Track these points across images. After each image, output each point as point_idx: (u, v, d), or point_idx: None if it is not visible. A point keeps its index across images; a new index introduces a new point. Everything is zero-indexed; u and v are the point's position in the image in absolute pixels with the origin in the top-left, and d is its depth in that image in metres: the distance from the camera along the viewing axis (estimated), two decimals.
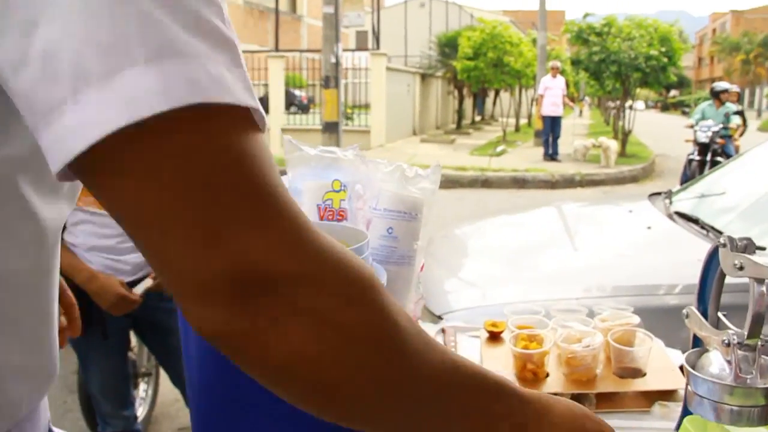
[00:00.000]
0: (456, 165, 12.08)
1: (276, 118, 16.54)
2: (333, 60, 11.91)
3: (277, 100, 16.57)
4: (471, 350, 1.48)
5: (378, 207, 1.05)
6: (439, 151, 15.72)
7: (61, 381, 3.56)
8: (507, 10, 50.40)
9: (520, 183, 11.15)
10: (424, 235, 1.14)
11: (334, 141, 12.79)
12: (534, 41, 18.93)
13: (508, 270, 3.23)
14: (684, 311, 1.22)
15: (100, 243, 2.35)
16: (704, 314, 1.17)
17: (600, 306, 1.49)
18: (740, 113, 10.33)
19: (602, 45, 13.94)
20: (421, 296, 1.22)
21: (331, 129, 12.74)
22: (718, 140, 9.66)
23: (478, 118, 27.80)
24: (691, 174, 9.73)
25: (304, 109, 21.78)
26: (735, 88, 10.72)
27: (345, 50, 19.47)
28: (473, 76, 17.94)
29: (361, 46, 27.10)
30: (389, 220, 1.04)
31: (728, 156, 9.47)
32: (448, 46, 21.32)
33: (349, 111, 17.89)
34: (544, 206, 5.43)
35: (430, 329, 1.60)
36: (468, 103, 25.59)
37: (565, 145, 13.92)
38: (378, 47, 17.86)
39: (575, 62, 15.06)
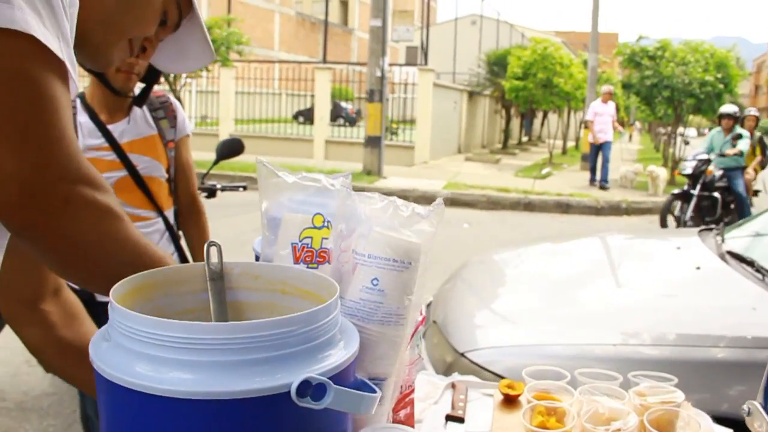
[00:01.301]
0: (499, 186, 11.80)
1: (321, 129, 16.48)
2: (378, 73, 11.77)
3: (322, 111, 16.50)
4: (482, 411, 1.27)
5: (361, 252, 0.85)
6: (483, 171, 15.45)
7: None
8: (559, 31, 49.82)
9: (563, 207, 10.82)
10: (428, 288, 0.94)
11: (376, 155, 12.63)
12: (585, 63, 18.55)
13: (545, 304, 3.02)
14: (745, 407, 1.00)
15: None
16: None
17: (637, 374, 1.26)
18: (761, 141, 9.18)
19: (655, 69, 13.52)
20: (418, 356, 1.02)
21: (373, 143, 12.59)
22: (722, 171, 8.59)
23: (525, 139, 27.40)
24: (662, 212, 8.72)
25: (351, 122, 21.71)
26: (752, 111, 9.59)
27: (394, 65, 19.38)
28: (521, 96, 17.63)
29: (411, 62, 26.98)
30: (375, 269, 0.84)
31: (734, 192, 8.55)
32: (497, 64, 21.03)
33: (394, 126, 17.72)
34: (589, 236, 5.17)
35: (438, 383, 1.39)
36: (515, 122, 25.23)
37: (611, 170, 13.51)
38: (426, 63, 17.70)
39: (626, 86, 14.65)
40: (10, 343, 2.92)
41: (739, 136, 8.65)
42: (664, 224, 8.62)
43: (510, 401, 1.26)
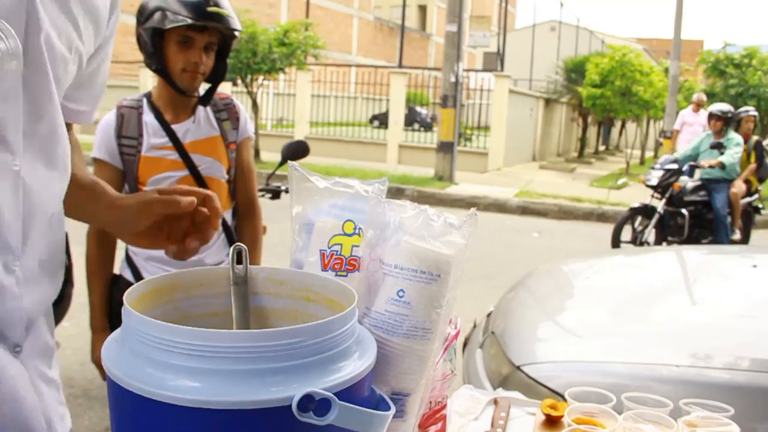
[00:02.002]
0: (572, 195, 11.54)
1: (394, 133, 16.52)
2: (452, 79, 11.71)
3: (397, 116, 16.54)
4: (523, 431, 1.22)
5: (388, 262, 0.82)
6: (557, 179, 15.16)
7: None
8: (641, 38, 48.46)
9: None
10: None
11: (448, 161, 12.57)
12: (666, 71, 17.99)
13: (612, 320, 2.89)
14: None
15: (160, 254, 2.25)
16: None
17: (689, 401, 1.18)
18: (757, 146, 7.54)
19: (741, 77, 13.01)
20: (451, 372, 0.97)
21: (445, 149, 12.53)
22: (693, 179, 7.24)
23: (602, 148, 26.78)
24: (616, 227, 7.21)
25: (426, 126, 21.69)
26: (750, 111, 7.99)
27: (470, 70, 19.25)
28: (599, 104, 17.23)
29: (488, 68, 26.78)
30: (401, 280, 0.81)
31: (712, 209, 7.15)
32: (575, 71, 20.64)
33: (468, 132, 17.60)
34: (664, 250, 4.98)
35: (481, 398, 1.34)
36: (592, 131, 24.70)
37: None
38: (502, 69, 17.51)
39: (709, 95, 14.14)
40: (82, 333, 3.02)
41: (720, 145, 7.19)
42: (616, 242, 7.31)
43: (551, 422, 1.20)
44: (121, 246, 2.07)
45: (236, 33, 2.17)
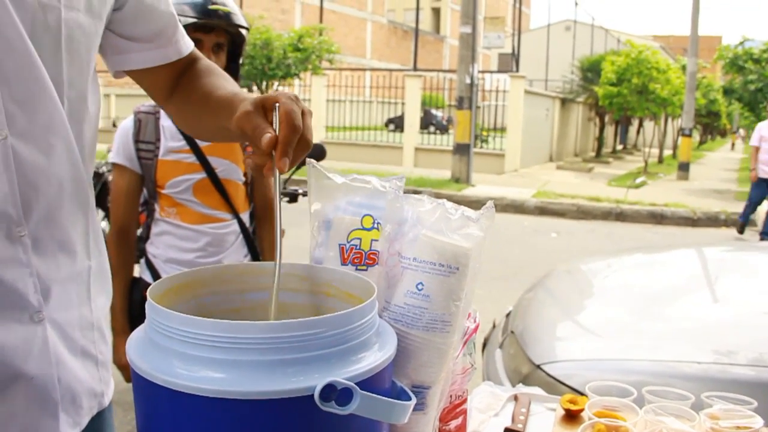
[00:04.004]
0: (590, 195, 11.49)
1: (410, 136, 16.53)
2: (468, 81, 11.70)
3: (412, 118, 16.55)
4: (543, 426, 1.22)
5: (407, 255, 0.83)
6: (574, 179, 15.10)
7: None
8: (658, 35, 48.10)
9: (657, 218, 10.41)
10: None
11: (464, 163, 12.55)
12: (684, 68, 17.85)
13: (632, 318, 2.84)
14: None
15: (179, 256, 2.27)
16: None
17: (711, 394, 1.17)
18: None
19: (760, 73, 12.88)
20: (470, 366, 0.98)
21: (462, 151, 12.51)
22: None
23: (620, 147, 26.63)
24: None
25: (442, 129, 21.66)
26: None
27: (486, 72, 19.20)
28: (615, 103, 17.13)
29: (503, 69, 26.72)
30: (420, 273, 0.81)
31: None
32: (591, 70, 20.54)
33: (484, 134, 17.57)
34: (684, 248, 4.92)
35: (501, 395, 1.34)
36: (610, 130, 24.58)
37: (711, 180, 12.92)
38: (517, 69, 17.48)
39: (727, 91, 14.04)
40: None
41: None
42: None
43: (571, 417, 1.20)
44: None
45: (242, 30, 2.19)
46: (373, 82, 19.49)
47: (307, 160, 0.95)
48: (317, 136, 17.08)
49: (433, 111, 22.98)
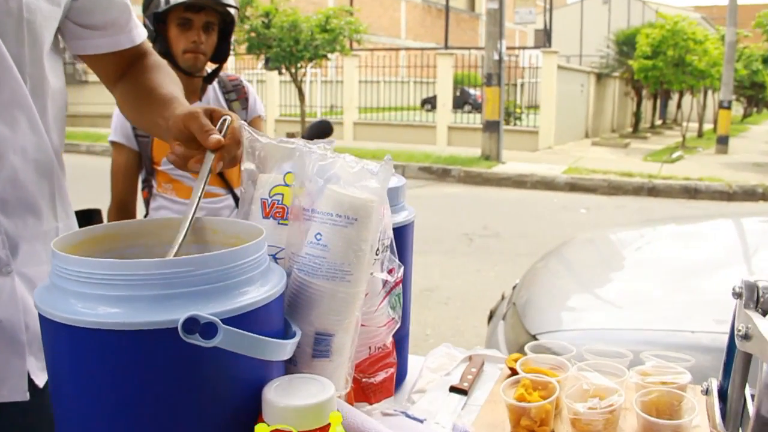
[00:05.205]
0: (622, 170, 11.32)
1: (443, 115, 16.47)
2: (496, 57, 11.60)
3: (444, 98, 16.48)
4: (490, 387, 1.25)
5: (308, 208, 0.86)
6: (609, 155, 14.89)
7: None
8: (699, 6, 46.77)
9: (691, 193, 10.22)
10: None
11: (494, 140, 12.48)
12: (723, 38, 17.39)
13: (662, 291, 2.71)
14: (704, 385, 0.92)
15: None
16: (723, 394, 0.87)
17: (649, 353, 1.19)
18: None
19: None
20: (391, 319, 1.01)
21: (491, 128, 12.44)
22: None
23: (659, 122, 26.11)
24: None
25: (478, 107, 21.47)
26: None
27: (518, 48, 18.93)
28: (651, 76, 16.77)
29: (538, 45, 26.38)
30: (318, 224, 0.85)
31: None
32: (627, 44, 20.12)
33: (518, 111, 17.41)
34: (720, 218, 4.74)
35: (457, 356, 1.37)
36: (648, 105, 24.10)
37: (752, 153, 12.62)
38: (549, 45, 17.24)
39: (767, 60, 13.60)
40: None
41: None
42: None
43: (515, 375, 1.23)
44: None
45: (231, 10, 2.24)
46: (409, 62, 19.41)
47: (240, 122, 1.00)
48: (350, 118, 17.13)
49: (470, 90, 22.78)
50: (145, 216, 2.43)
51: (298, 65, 13.43)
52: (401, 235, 1.15)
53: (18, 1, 0.98)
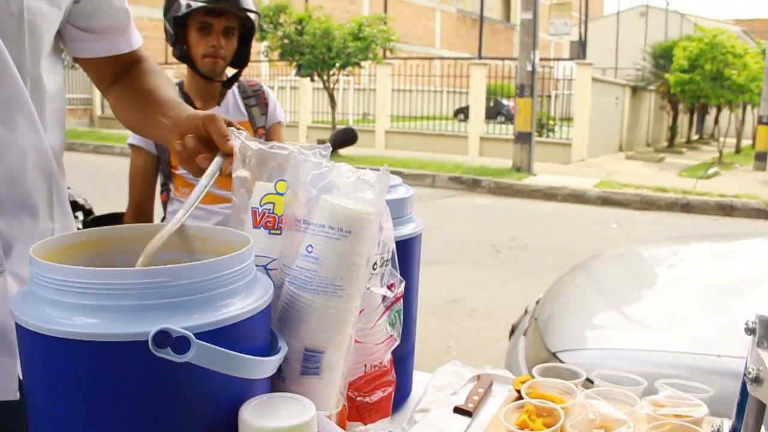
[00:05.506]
0: (655, 185, 11.12)
1: (475, 125, 16.38)
2: (528, 68, 11.51)
3: (477, 108, 16.38)
4: (495, 408, 1.20)
5: (301, 218, 0.83)
6: (642, 170, 14.67)
7: None
8: (740, 19, 45.96)
9: (726, 210, 9.99)
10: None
11: (526, 152, 12.37)
12: (764, 52, 17.05)
13: (692, 311, 2.61)
14: (715, 425, 0.86)
15: None
16: None
17: (664, 381, 1.12)
18: None
19: None
20: (390, 336, 0.97)
21: (523, 139, 12.33)
22: None
23: (695, 137, 25.69)
24: None
25: (511, 118, 21.32)
26: None
27: (554, 59, 18.76)
28: (688, 90, 16.48)
29: (573, 56, 26.16)
30: (310, 236, 0.82)
31: None
32: (664, 57, 19.84)
33: (551, 123, 17.24)
34: (758, 237, 4.62)
35: (465, 374, 1.32)
36: (684, 119, 23.72)
37: None
38: (584, 56, 17.06)
39: None
40: None
41: None
42: None
43: (521, 398, 1.17)
44: None
45: (251, 15, 2.22)
46: (443, 71, 19.34)
47: (231, 129, 0.98)
48: (382, 126, 17.11)
49: (503, 101, 22.64)
50: (163, 219, 2.42)
51: (330, 72, 13.46)
52: (407, 248, 1.11)
53: (19, 3, 0.98)
